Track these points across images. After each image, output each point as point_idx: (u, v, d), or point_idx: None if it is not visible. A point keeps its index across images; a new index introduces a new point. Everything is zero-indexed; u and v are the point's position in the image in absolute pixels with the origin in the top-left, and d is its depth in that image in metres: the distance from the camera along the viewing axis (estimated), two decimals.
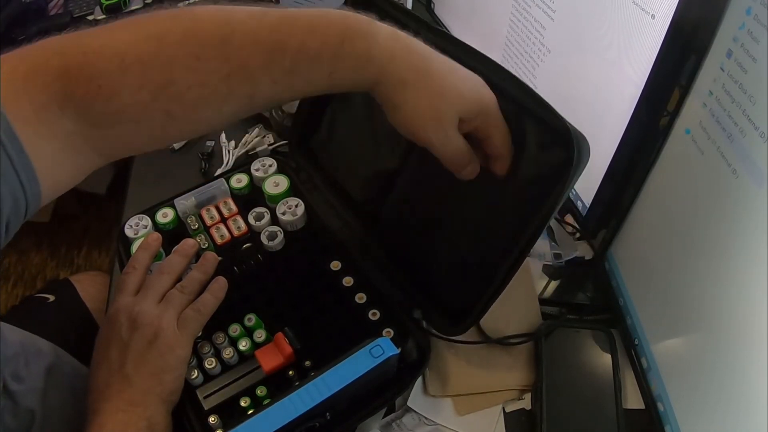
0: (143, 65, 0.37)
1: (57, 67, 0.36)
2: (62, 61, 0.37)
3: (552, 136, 0.45)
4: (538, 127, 0.47)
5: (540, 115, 0.46)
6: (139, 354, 0.48)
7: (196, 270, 0.56)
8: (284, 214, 0.61)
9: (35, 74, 0.36)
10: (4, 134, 0.33)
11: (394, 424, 0.54)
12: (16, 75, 0.35)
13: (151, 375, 0.47)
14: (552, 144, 0.46)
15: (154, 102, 0.38)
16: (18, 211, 0.35)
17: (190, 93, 0.38)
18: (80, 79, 0.36)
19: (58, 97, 0.36)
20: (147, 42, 0.37)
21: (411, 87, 0.40)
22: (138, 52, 0.37)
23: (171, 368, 0.48)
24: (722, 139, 0.41)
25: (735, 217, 0.40)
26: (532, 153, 0.47)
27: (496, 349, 0.58)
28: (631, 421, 0.52)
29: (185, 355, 0.50)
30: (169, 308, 0.51)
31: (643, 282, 0.55)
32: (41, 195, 0.36)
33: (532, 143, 0.47)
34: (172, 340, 0.49)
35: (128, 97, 0.37)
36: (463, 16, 0.92)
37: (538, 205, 0.46)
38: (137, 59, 0.37)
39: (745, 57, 0.39)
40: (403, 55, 0.40)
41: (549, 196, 0.45)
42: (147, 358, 0.48)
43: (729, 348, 0.41)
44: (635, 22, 0.50)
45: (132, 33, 0.38)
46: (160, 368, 0.48)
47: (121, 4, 1.09)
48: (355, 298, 0.56)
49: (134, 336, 0.49)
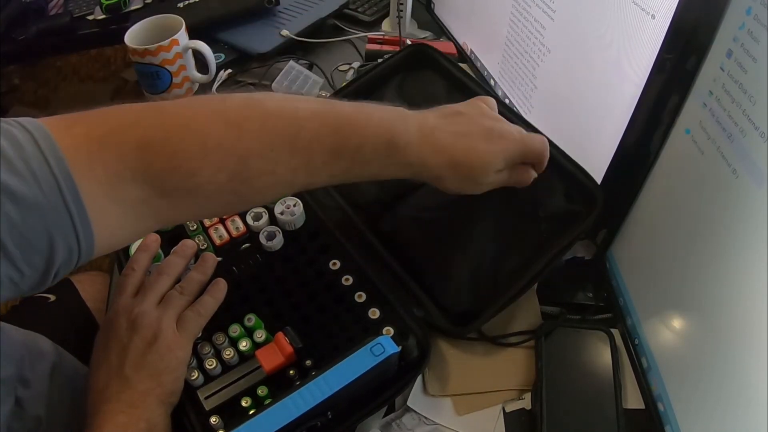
0: (224, 151, 0.40)
1: (136, 139, 0.38)
2: (142, 133, 0.38)
3: (581, 191, 0.57)
4: (569, 181, 0.58)
5: (572, 172, 0.57)
6: (138, 355, 0.48)
7: (195, 271, 0.56)
8: (282, 214, 0.61)
9: (112, 141, 0.37)
10: (68, 192, 0.34)
11: (394, 423, 0.54)
12: (91, 138, 0.37)
13: (151, 376, 0.47)
14: (580, 197, 0.57)
15: (227, 183, 0.41)
16: (70, 263, 0.36)
17: (260, 179, 0.42)
18: (161, 155, 0.38)
19: (134, 165, 0.38)
20: (227, 129, 0.40)
21: (445, 178, 0.49)
22: (219, 137, 0.40)
23: (170, 369, 0.48)
24: (722, 138, 0.41)
25: (735, 217, 0.40)
26: (559, 200, 0.58)
27: (496, 349, 0.58)
28: (631, 421, 0.52)
29: (185, 357, 0.50)
30: (168, 310, 0.51)
31: (643, 282, 0.56)
32: (95, 250, 0.37)
33: (561, 192, 0.58)
34: (172, 341, 0.49)
35: (206, 177, 0.40)
36: (463, 16, 0.92)
37: (556, 234, 0.56)
38: (218, 145, 0.40)
39: (745, 57, 0.39)
40: (435, 157, 0.47)
41: (567, 232, 0.56)
42: (146, 360, 0.48)
43: (729, 348, 0.41)
44: (635, 22, 0.51)
45: (211, 117, 0.41)
46: (159, 370, 0.48)
47: (121, 4, 1.09)
48: (354, 297, 0.56)
49: (134, 338, 0.49)
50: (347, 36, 1.01)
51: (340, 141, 0.44)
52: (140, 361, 0.47)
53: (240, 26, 0.98)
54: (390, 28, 1.01)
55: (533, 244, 0.58)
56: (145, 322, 0.49)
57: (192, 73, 0.89)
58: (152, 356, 0.48)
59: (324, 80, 0.88)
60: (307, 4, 1.02)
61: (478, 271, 0.57)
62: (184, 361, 0.50)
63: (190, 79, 0.89)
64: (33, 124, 0.35)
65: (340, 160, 0.45)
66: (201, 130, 0.40)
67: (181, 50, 0.85)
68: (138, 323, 0.49)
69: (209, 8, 0.98)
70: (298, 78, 0.86)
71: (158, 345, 0.48)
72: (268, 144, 0.42)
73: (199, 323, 0.52)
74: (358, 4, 1.07)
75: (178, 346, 0.49)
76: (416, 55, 0.70)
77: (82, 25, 1.11)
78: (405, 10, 0.95)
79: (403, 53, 0.71)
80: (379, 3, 1.07)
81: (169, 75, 0.86)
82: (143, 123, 0.39)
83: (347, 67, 0.94)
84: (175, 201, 0.40)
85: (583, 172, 0.57)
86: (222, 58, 0.94)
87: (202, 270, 0.56)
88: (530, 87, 0.72)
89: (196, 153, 0.39)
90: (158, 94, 0.88)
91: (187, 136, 0.39)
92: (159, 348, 0.48)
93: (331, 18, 1.02)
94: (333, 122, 0.44)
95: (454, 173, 0.48)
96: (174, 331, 0.50)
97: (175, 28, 0.84)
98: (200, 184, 0.40)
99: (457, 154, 0.48)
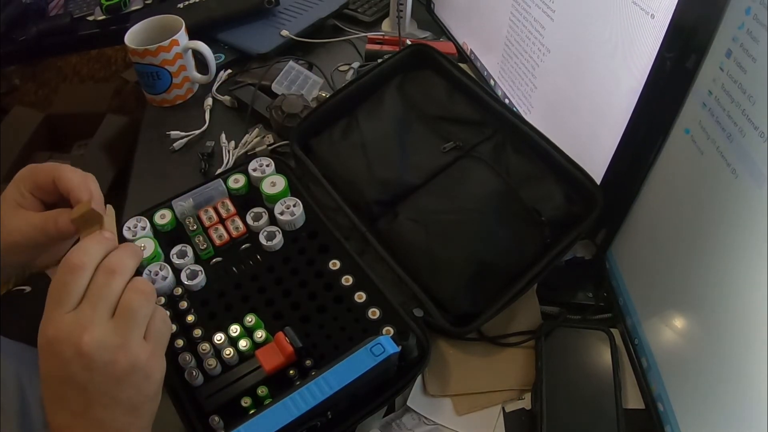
0: None
1: None
2: None
3: (581, 191, 0.57)
4: (568, 181, 0.58)
5: (571, 172, 0.57)
6: (106, 395, 0.38)
7: (128, 257, 0.42)
8: (282, 214, 0.61)
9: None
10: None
11: (394, 423, 0.54)
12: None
13: (128, 412, 0.39)
14: (580, 197, 0.58)
15: None
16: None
17: None
18: None
19: None
20: None
21: None
22: None
23: (150, 397, 0.40)
24: (722, 138, 0.41)
25: (734, 217, 0.40)
26: (559, 201, 0.58)
27: (496, 349, 0.58)
28: (631, 421, 0.52)
29: (163, 373, 0.41)
30: (134, 330, 0.39)
31: (643, 282, 0.56)
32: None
33: (560, 193, 0.58)
34: (148, 367, 0.39)
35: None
36: (463, 16, 0.92)
37: (555, 234, 0.57)
38: None
39: (745, 57, 0.39)
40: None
41: (568, 233, 0.56)
42: (119, 398, 0.39)
43: (729, 348, 0.41)
44: (635, 22, 0.51)
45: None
46: (137, 403, 0.39)
47: (121, 4, 1.09)
48: (354, 297, 0.56)
49: (94, 377, 0.38)
50: (347, 36, 1.01)
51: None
52: (111, 401, 0.38)
53: (240, 26, 0.98)
54: (390, 28, 1.02)
55: (533, 245, 0.58)
56: (105, 358, 0.38)
57: (192, 74, 0.89)
58: (127, 392, 0.39)
59: (324, 80, 0.88)
60: (307, 4, 1.02)
61: (478, 271, 0.57)
62: (162, 378, 0.41)
63: (190, 80, 0.89)
64: None
65: None
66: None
67: (181, 50, 0.85)
68: (95, 359, 0.37)
69: (209, 8, 0.98)
70: (298, 78, 0.86)
71: (133, 378, 0.39)
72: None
73: (168, 325, 0.43)
74: (358, 4, 1.07)
75: (156, 368, 0.40)
76: (416, 55, 0.70)
77: (83, 25, 1.11)
78: (405, 10, 0.95)
79: (403, 53, 0.71)
80: (379, 3, 1.07)
81: (169, 75, 0.86)
82: None
83: (347, 67, 0.94)
84: None
85: (583, 172, 0.57)
86: (222, 59, 0.94)
87: (132, 251, 0.43)
88: (530, 87, 0.72)
89: None
90: (158, 95, 0.88)
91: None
92: (134, 381, 0.39)
93: (331, 18, 1.02)
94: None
95: None
96: (148, 355, 0.39)
97: (175, 29, 0.85)
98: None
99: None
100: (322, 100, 0.80)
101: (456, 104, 0.67)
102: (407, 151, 0.66)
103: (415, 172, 0.64)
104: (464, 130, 0.66)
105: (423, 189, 0.64)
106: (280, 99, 0.79)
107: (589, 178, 0.56)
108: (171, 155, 0.81)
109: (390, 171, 0.64)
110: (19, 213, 0.47)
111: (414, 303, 0.57)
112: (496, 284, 0.57)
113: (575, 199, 0.58)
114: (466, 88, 0.66)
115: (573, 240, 0.56)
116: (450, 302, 0.56)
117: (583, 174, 0.57)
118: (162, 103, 0.89)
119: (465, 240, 0.58)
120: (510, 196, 0.60)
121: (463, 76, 0.67)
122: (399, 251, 0.60)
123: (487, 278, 0.57)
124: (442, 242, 0.59)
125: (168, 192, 0.64)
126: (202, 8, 0.98)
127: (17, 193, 0.48)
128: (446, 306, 0.56)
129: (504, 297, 0.55)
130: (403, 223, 0.61)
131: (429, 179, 0.64)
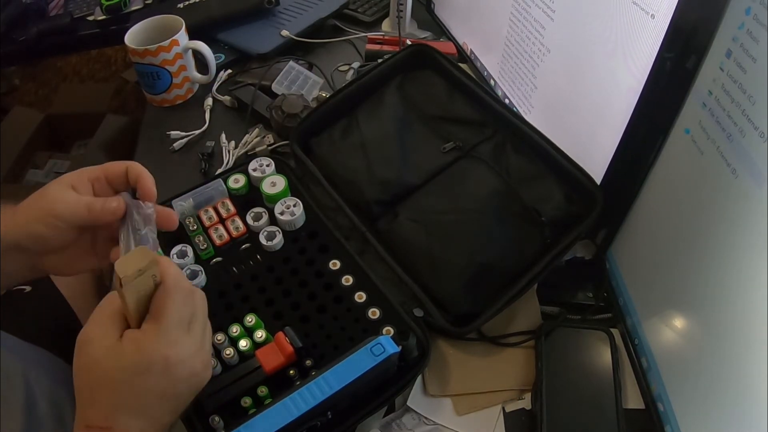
0: None
1: None
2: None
3: (581, 191, 0.57)
4: (569, 181, 0.59)
5: (572, 172, 0.58)
6: (186, 402, 0.43)
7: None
8: (282, 214, 0.61)
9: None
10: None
11: (394, 423, 0.54)
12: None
13: (175, 410, 0.43)
14: (580, 197, 0.58)
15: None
16: None
17: None
18: None
19: None
20: None
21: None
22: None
23: (195, 392, 0.44)
24: (722, 138, 0.41)
25: (734, 217, 0.40)
26: (559, 201, 0.59)
27: (496, 349, 0.58)
28: (631, 421, 0.52)
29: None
30: (206, 344, 0.44)
31: (643, 282, 0.56)
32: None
33: (560, 193, 0.59)
34: (206, 372, 0.44)
35: None
36: (463, 16, 0.92)
37: (556, 234, 0.57)
38: None
39: (745, 57, 0.39)
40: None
41: (568, 233, 0.57)
42: (180, 402, 0.43)
43: (729, 348, 0.41)
44: (635, 22, 0.51)
45: None
46: (187, 400, 0.43)
47: (121, 4, 1.09)
48: (354, 297, 0.56)
49: (191, 392, 0.43)
50: (347, 36, 1.01)
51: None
52: (183, 405, 0.43)
53: (240, 26, 0.98)
54: (390, 29, 1.02)
55: (533, 245, 0.58)
56: (186, 372, 0.41)
57: (192, 74, 0.89)
58: (189, 393, 0.43)
59: (324, 80, 0.88)
60: (307, 4, 1.02)
61: (478, 271, 0.57)
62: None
63: (190, 80, 0.89)
64: None
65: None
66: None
67: (181, 51, 0.85)
68: (201, 379, 0.43)
69: (209, 8, 0.98)
70: (298, 78, 0.86)
71: (196, 382, 0.43)
72: None
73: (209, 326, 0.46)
74: (358, 4, 1.07)
75: (209, 367, 0.44)
76: (416, 55, 0.70)
77: (83, 25, 1.11)
78: (405, 10, 0.95)
79: (403, 53, 0.71)
80: (379, 3, 1.07)
81: (169, 75, 0.86)
82: None
83: (347, 67, 0.94)
84: None
85: (583, 172, 0.57)
86: (222, 59, 0.94)
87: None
88: (530, 87, 0.72)
89: None
90: (158, 95, 0.88)
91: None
92: (195, 385, 0.43)
93: (331, 18, 1.02)
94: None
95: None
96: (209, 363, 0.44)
97: (175, 29, 0.85)
98: None
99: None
100: (322, 100, 0.80)
101: (456, 104, 0.67)
102: (407, 151, 0.66)
103: (415, 172, 0.64)
104: (464, 130, 0.66)
105: (423, 189, 0.64)
106: (280, 99, 0.79)
107: (589, 178, 0.57)
108: (171, 155, 0.81)
109: (390, 171, 0.64)
110: (69, 190, 0.48)
111: (414, 303, 0.57)
112: (496, 284, 0.57)
113: (575, 199, 0.58)
114: (466, 88, 0.67)
115: (573, 240, 0.56)
116: (450, 302, 0.56)
117: (583, 174, 0.57)
118: (162, 103, 0.89)
119: (465, 240, 0.58)
120: (510, 196, 0.60)
121: (463, 76, 0.67)
122: (399, 251, 0.60)
123: (487, 278, 0.57)
124: (442, 242, 0.59)
125: (168, 192, 0.64)
126: (202, 8, 0.98)
127: (76, 177, 0.49)
128: (446, 306, 0.56)
129: (504, 297, 0.55)
130: (403, 223, 0.61)
131: (429, 179, 0.64)
